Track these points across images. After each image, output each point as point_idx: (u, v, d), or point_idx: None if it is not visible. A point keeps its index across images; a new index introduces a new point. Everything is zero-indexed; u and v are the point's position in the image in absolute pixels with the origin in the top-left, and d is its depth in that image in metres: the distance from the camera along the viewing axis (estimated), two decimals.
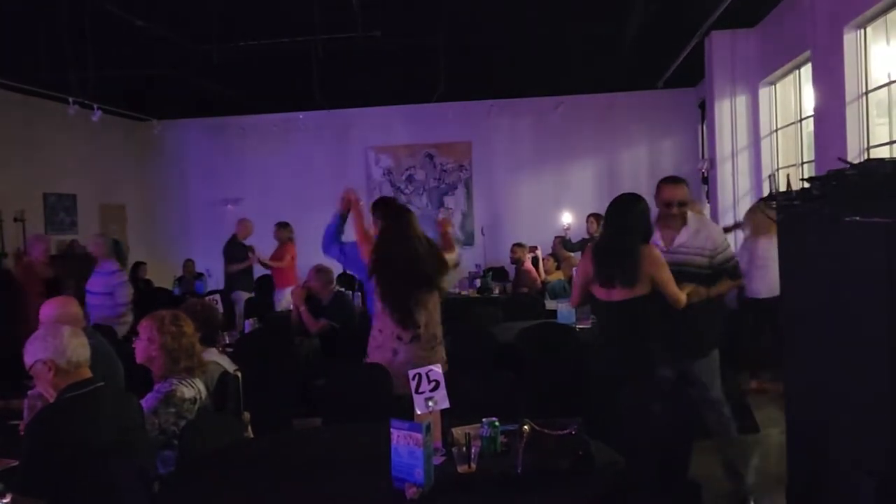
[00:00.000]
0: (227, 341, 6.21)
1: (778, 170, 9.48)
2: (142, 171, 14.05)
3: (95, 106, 11.17)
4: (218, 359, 4.26)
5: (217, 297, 6.79)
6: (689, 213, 4.75)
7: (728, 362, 4.97)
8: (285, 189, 13.34)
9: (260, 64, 9.99)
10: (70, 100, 10.69)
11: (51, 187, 11.76)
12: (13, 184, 10.80)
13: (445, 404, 2.99)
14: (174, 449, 3.48)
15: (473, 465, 2.91)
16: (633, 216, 4.43)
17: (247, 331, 6.76)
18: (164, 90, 11.58)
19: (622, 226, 4.43)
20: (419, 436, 2.74)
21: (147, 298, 9.86)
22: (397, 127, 13.63)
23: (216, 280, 11.66)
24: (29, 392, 3.49)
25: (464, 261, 9.57)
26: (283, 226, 9.96)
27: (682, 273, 4.49)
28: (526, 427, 2.88)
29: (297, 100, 12.47)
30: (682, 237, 4.67)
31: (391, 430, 2.80)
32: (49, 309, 4.31)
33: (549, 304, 8.18)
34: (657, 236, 4.70)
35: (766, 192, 9.30)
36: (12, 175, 10.77)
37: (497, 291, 10.28)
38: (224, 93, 11.82)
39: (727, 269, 4.71)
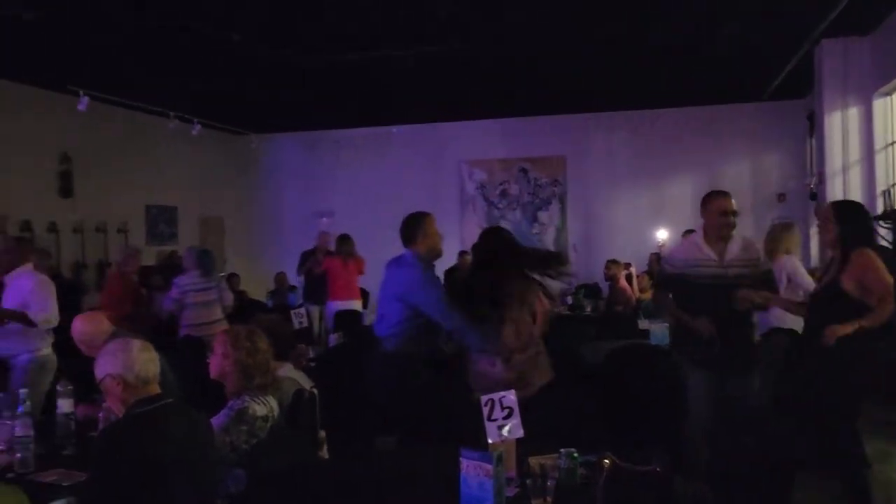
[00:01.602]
0: (311, 355, 6.17)
1: (893, 185, 8.90)
2: (239, 184, 14.35)
3: (195, 120, 11.51)
4: (294, 375, 4.18)
5: (303, 309, 6.77)
6: None
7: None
8: (377, 203, 13.38)
9: (354, 77, 10.03)
10: (171, 114, 11.03)
11: (152, 199, 12.11)
12: (117, 196, 11.17)
13: (519, 433, 2.81)
14: (246, 467, 3.41)
15: (549, 499, 2.71)
16: None
17: (331, 345, 6.71)
18: (260, 104, 11.79)
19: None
20: (489, 466, 2.56)
21: (241, 310, 9.97)
22: (491, 141, 13.50)
23: None
24: (104, 405, 3.48)
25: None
26: (339, 239, 10.01)
27: (738, 286, 4.56)
28: (606, 461, 2.67)
29: (391, 113, 12.53)
30: (735, 250, 4.73)
31: (461, 459, 2.63)
32: (79, 324, 4.32)
33: (643, 324, 7.86)
34: (708, 251, 4.72)
35: (880, 210, 8.75)
36: (117, 187, 11.14)
37: (589, 309, 10.00)
38: (318, 106, 11.97)
39: (767, 280, 4.85)
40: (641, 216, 12.71)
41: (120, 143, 11.19)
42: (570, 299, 10.36)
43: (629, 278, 9.94)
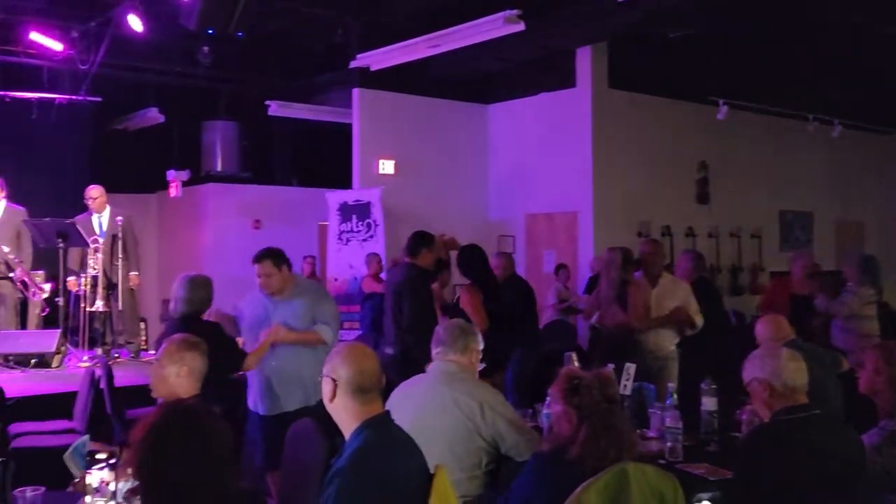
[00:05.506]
0: None
1: None
2: (882, 186, 13.23)
3: (835, 121, 10.99)
4: None
5: None
6: None
7: None
8: None
9: None
10: (809, 117, 10.74)
11: (787, 205, 11.91)
12: (753, 202, 11.28)
13: None
14: None
15: None
16: None
17: None
18: None
19: None
20: None
21: (887, 327, 9.09)
22: None
23: None
24: (748, 407, 3.56)
25: None
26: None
27: None
28: None
29: None
30: None
31: None
32: (759, 325, 4.36)
33: None
34: None
35: None
36: (753, 194, 11.26)
37: None
38: None
39: None
40: None
41: (755, 150, 11.25)
42: None
43: None
